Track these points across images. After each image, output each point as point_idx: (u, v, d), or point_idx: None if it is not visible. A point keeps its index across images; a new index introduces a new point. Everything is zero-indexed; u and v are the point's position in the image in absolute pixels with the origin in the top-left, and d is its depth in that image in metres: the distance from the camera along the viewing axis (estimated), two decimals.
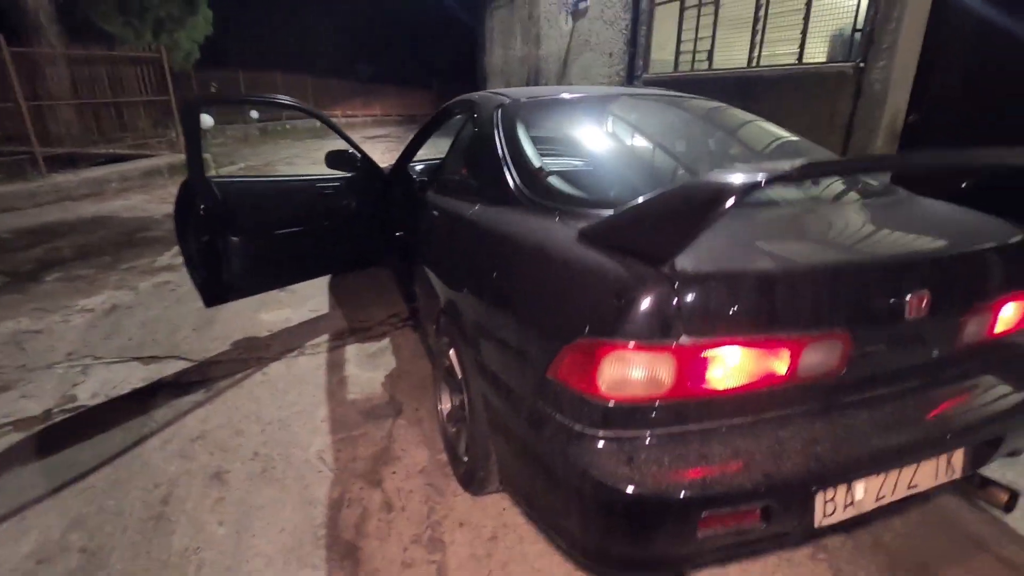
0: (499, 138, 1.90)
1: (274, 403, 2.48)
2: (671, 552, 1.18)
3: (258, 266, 2.89)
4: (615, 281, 1.14)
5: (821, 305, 1.18)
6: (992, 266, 1.37)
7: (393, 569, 1.62)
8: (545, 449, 1.26)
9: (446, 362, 1.99)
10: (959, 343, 1.37)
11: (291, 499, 1.90)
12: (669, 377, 1.13)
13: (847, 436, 1.25)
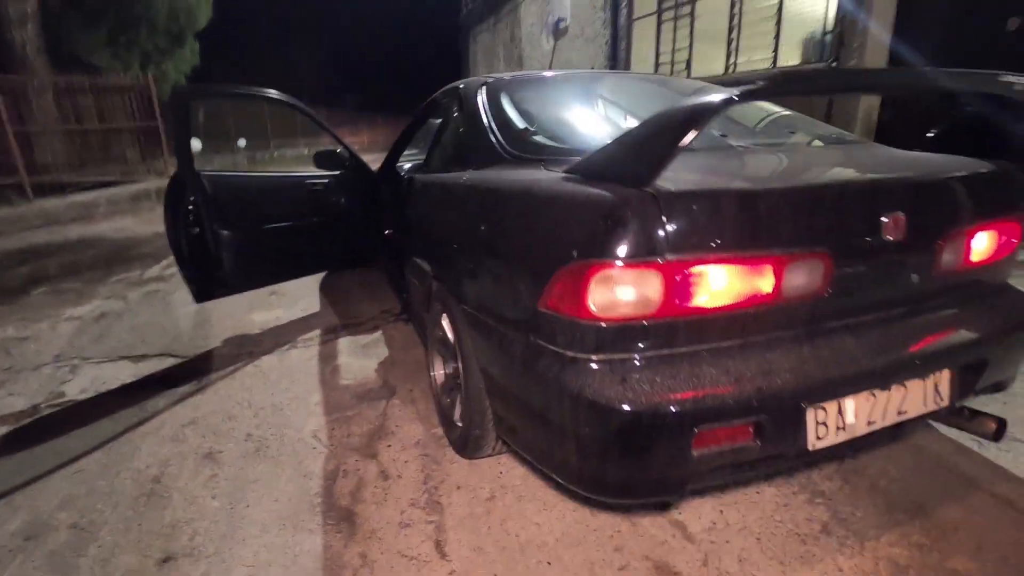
0: (484, 110, 1.95)
1: (266, 391, 2.46)
2: (667, 472, 1.18)
3: (248, 260, 2.90)
4: (600, 204, 1.18)
5: (801, 224, 1.22)
6: (962, 194, 1.42)
7: (391, 530, 1.60)
8: (540, 381, 1.27)
9: (439, 332, 2.00)
10: (937, 270, 1.41)
11: (285, 473, 1.88)
12: (657, 295, 1.15)
13: (834, 357, 1.27)
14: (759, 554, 1.45)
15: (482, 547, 1.52)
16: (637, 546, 1.50)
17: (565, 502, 1.67)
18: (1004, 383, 1.58)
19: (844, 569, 1.39)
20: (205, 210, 2.66)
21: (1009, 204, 1.50)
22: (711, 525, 1.56)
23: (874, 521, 1.55)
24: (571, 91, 2.24)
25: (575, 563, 1.45)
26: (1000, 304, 1.55)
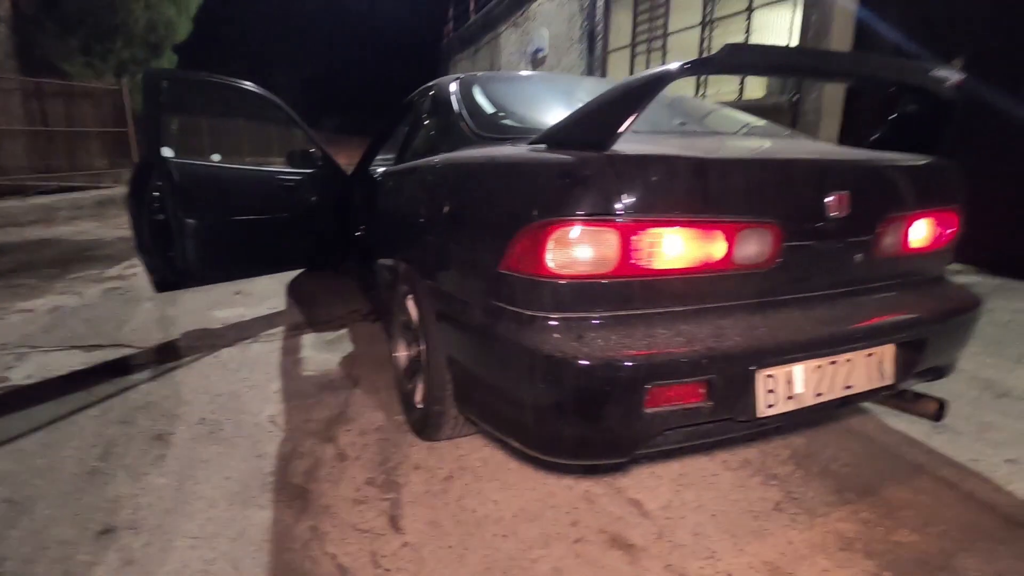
0: (456, 99, 2.00)
1: (224, 379, 2.40)
2: (620, 430, 1.19)
3: (214, 252, 2.85)
4: (560, 166, 1.22)
5: (751, 194, 1.28)
6: (904, 182, 1.51)
7: (345, 505, 1.56)
8: (499, 341, 1.28)
9: (403, 317, 2.00)
10: (880, 252, 1.48)
11: (239, 453, 1.83)
12: (613, 254, 1.18)
13: (782, 326, 1.32)
14: (713, 528, 1.46)
15: (438, 521, 1.49)
16: (594, 521, 1.49)
17: (524, 482, 1.66)
18: (944, 369, 1.66)
19: (794, 542, 1.41)
20: (171, 197, 2.62)
21: (947, 196, 1.60)
22: (667, 503, 1.57)
23: (824, 500, 1.58)
24: (539, 85, 2.31)
25: (530, 536, 1.43)
26: (938, 292, 1.64)
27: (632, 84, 1.22)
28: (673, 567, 1.33)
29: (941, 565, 1.33)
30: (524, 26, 11.75)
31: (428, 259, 1.70)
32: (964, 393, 2.21)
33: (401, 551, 1.38)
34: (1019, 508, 1.53)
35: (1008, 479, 1.66)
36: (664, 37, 7.87)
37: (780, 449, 1.83)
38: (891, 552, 1.37)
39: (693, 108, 2.32)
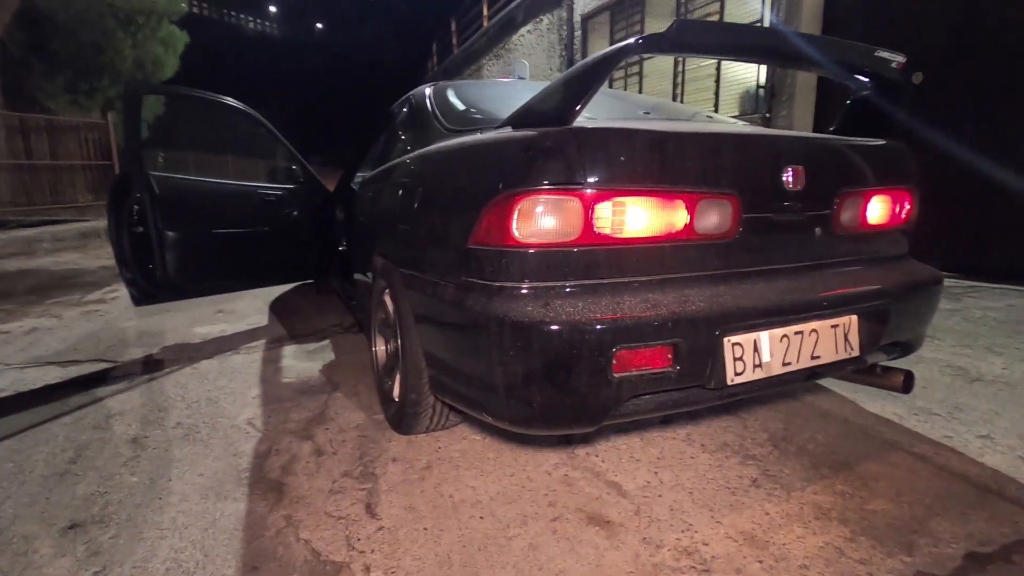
0: (430, 101, 2.07)
1: (202, 387, 2.38)
2: (589, 396, 1.20)
3: (194, 265, 2.86)
4: (523, 139, 1.27)
5: (710, 166, 1.33)
6: (857, 160, 1.57)
7: (320, 496, 1.54)
8: (470, 314, 1.29)
9: (381, 314, 2.01)
10: (838, 227, 1.53)
11: (214, 453, 1.80)
12: (577, 223, 1.22)
13: (746, 294, 1.35)
14: (691, 504, 1.46)
15: (414, 506, 1.48)
16: (572, 502, 1.49)
17: (502, 468, 1.65)
18: (910, 345, 1.69)
19: (771, 514, 1.41)
20: (151, 209, 2.64)
21: (900, 175, 1.66)
22: (645, 484, 1.57)
23: (801, 476, 1.59)
24: (509, 88, 2.38)
25: (507, 516, 1.42)
26: (900, 268, 1.68)
27: (589, 62, 1.28)
28: (650, 540, 1.32)
29: (914, 529, 1.34)
30: (505, 57, 12.08)
31: (403, 248, 1.73)
32: (939, 379, 2.25)
33: (376, 535, 1.36)
34: (990, 477, 1.55)
35: (980, 452, 1.68)
36: (640, 62, 8.13)
37: (758, 432, 1.84)
38: (866, 519, 1.38)
39: (662, 104, 2.41)
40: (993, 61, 3.92)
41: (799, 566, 1.22)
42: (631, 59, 7.57)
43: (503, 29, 12.17)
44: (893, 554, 1.25)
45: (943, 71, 4.18)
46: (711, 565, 1.23)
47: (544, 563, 1.25)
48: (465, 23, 15.48)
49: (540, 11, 10.54)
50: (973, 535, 1.30)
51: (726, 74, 6.74)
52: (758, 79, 6.21)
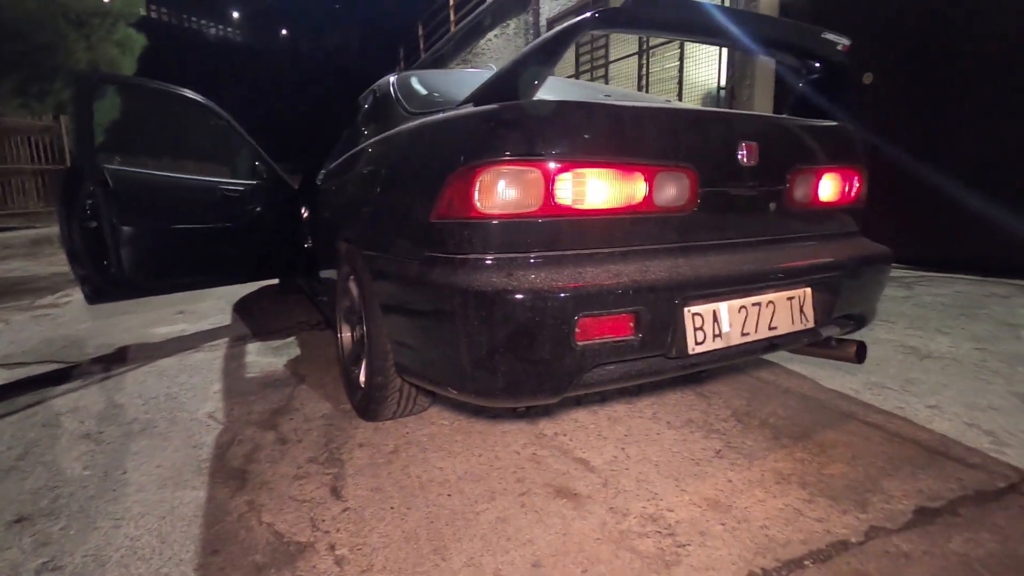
0: (393, 88, 2.06)
1: (161, 383, 2.30)
2: (553, 365, 1.21)
3: (152, 261, 2.77)
4: (483, 113, 1.27)
5: (667, 140, 1.36)
6: (808, 138, 1.63)
7: (284, 481, 1.51)
8: (433, 288, 1.29)
9: (346, 302, 1.99)
10: (791, 202, 1.59)
11: (172, 445, 1.75)
12: (538, 194, 1.23)
13: (705, 265, 1.39)
14: (656, 475, 1.49)
15: (381, 488, 1.46)
16: (540, 477, 1.49)
17: (471, 449, 1.65)
18: (863, 317, 1.76)
19: (733, 481, 1.45)
20: (105, 203, 2.55)
21: (849, 155, 1.73)
22: (612, 459, 1.59)
23: (763, 446, 1.63)
24: (475, 75, 2.39)
25: (475, 493, 1.42)
26: (851, 243, 1.75)
27: (547, 38, 1.30)
28: (616, 509, 1.34)
29: (868, 488, 1.38)
30: (473, 62, 12.11)
31: (366, 230, 1.72)
32: (892, 357, 2.34)
33: (342, 515, 1.34)
34: (938, 441, 1.62)
35: (929, 420, 1.76)
36: (606, 65, 8.27)
37: (721, 409, 1.89)
38: (823, 482, 1.42)
39: (622, 91, 2.46)
40: (940, 61, 4.12)
41: (760, 526, 1.25)
42: (587, 34, 7.70)
43: (470, 33, 12.22)
44: (848, 512, 1.29)
45: (892, 72, 4.37)
46: (675, 529, 1.25)
47: (512, 534, 1.25)
48: (432, 28, 15.47)
49: (507, 16, 10.62)
50: (923, 492, 1.36)
51: (688, 75, 6.91)
52: (719, 80, 6.38)
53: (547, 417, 1.85)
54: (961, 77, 4.01)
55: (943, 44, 4.07)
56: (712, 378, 2.16)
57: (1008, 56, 3.78)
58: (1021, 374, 2.10)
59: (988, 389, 1.97)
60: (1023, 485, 1.38)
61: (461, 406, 1.94)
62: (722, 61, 6.27)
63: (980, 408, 1.82)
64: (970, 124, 4.02)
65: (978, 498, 1.33)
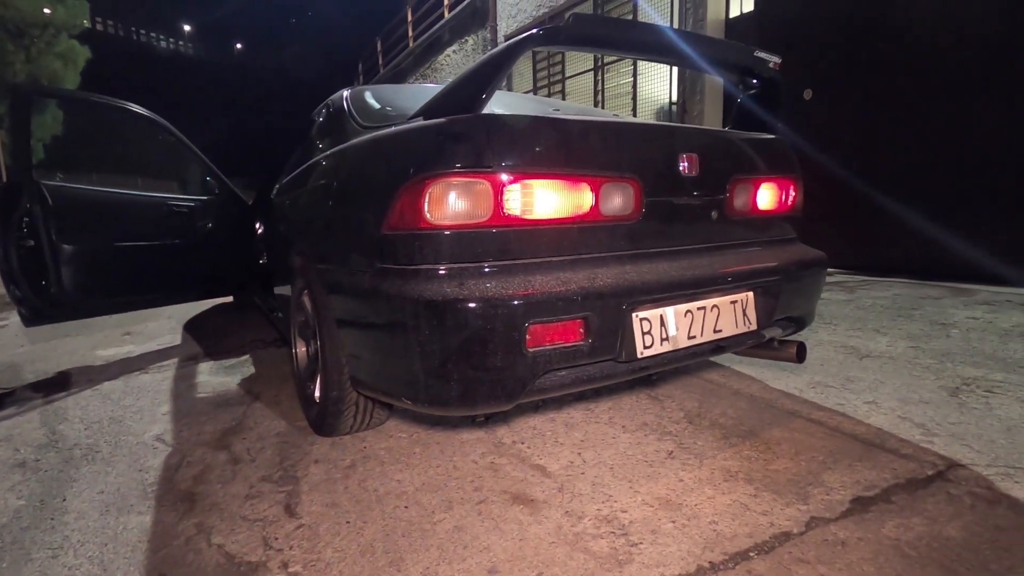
0: (347, 102, 2.07)
1: (105, 407, 2.21)
2: (505, 372, 1.23)
3: (94, 281, 2.67)
4: (434, 126, 1.30)
5: (612, 152, 1.41)
6: (746, 150, 1.72)
7: (236, 501, 1.47)
8: (385, 299, 1.29)
9: (301, 317, 1.97)
10: (732, 211, 1.67)
11: (116, 470, 1.68)
12: (488, 205, 1.26)
13: (651, 272, 1.44)
14: (611, 478, 1.52)
15: (336, 503, 1.44)
16: (497, 485, 1.50)
17: (428, 460, 1.65)
18: (803, 319, 1.85)
19: (684, 480, 1.49)
20: (44, 221, 2.46)
21: (785, 166, 1.83)
22: (569, 464, 1.61)
23: (712, 445, 1.68)
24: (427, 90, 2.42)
25: (433, 503, 1.42)
26: (790, 249, 1.85)
27: (494, 54, 1.34)
28: (572, 512, 1.36)
29: (810, 481, 1.45)
30: (432, 77, 12.18)
31: (319, 243, 1.71)
32: (834, 357, 2.45)
33: (295, 532, 1.32)
34: (875, 434, 1.71)
35: (867, 415, 1.85)
36: (563, 81, 8.45)
37: (674, 411, 1.94)
38: (768, 477, 1.48)
39: (571, 106, 2.53)
40: (871, 76, 4.38)
41: (708, 522, 1.29)
42: (532, 50, 7.85)
43: (429, 49, 12.30)
44: (791, 504, 1.35)
45: (829, 88, 4.63)
46: (628, 529, 1.28)
47: (469, 542, 1.25)
48: (391, 43, 15.50)
49: (465, 32, 10.75)
50: (859, 482, 1.43)
51: (642, 91, 7.13)
52: (671, 96, 6.61)
53: (506, 426, 1.87)
54: (892, 91, 4.28)
55: (874, 60, 4.35)
56: (665, 381, 2.22)
57: (936, 72, 4.06)
58: (949, 369, 2.24)
59: (920, 384, 2.10)
60: (949, 472, 1.47)
61: (420, 418, 1.93)
62: (673, 77, 6.51)
63: (913, 402, 1.93)
64: (901, 136, 4.28)
65: (909, 486, 1.41)
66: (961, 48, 3.93)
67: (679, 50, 1.52)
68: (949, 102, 4.02)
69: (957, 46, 3.95)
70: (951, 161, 4.06)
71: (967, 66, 3.92)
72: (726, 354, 1.94)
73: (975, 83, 3.91)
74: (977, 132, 3.94)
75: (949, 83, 4.01)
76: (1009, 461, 1.50)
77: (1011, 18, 3.72)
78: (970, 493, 1.36)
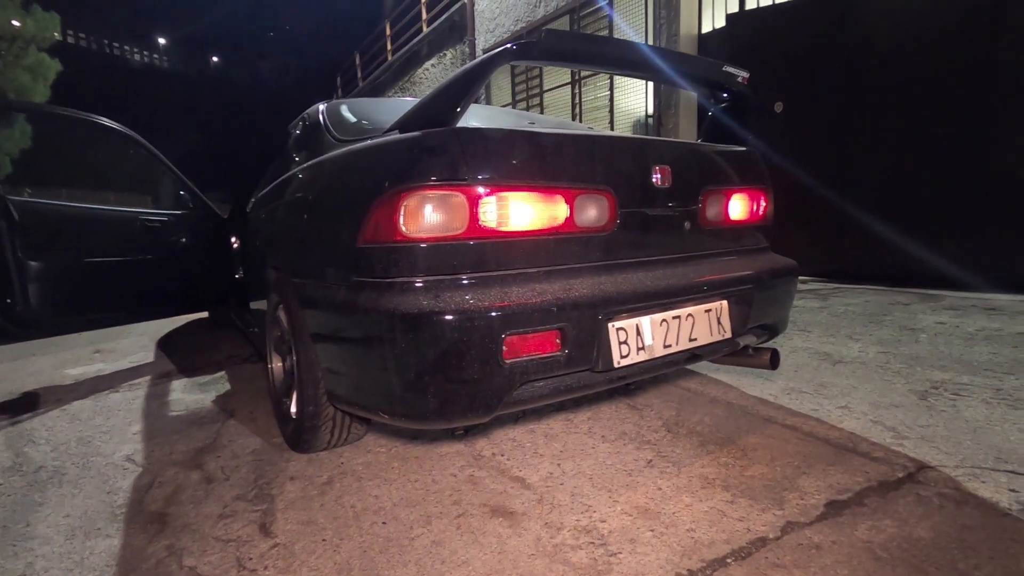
0: (323, 116, 2.07)
1: (73, 428, 2.15)
2: (482, 384, 1.23)
3: (63, 298, 2.61)
4: (408, 140, 1.31)
5: (586, 164, 1.43)
6: (717, 162, 1.76)
7: (209, 521, 1.44)
8: (361, 312, 1.29)
9: (276, 332, 1.94)
10: (705, 221, 1.70)
11: (84, 493, 1.63)
12: (463, 217, 1.27)
13: (627, 282, 1.46)
14: (590, 488, 1.52)
15: (313, 520, 1.42)
16: (476, 498, 1.49)
17: (407, 475, 1.63)
18: (776, 327, 1.88)
19: (663, 488, 1.50)
20: (9, 236, 2.39)
21: (756, 177, 1.88)
22: (548, 475, 1.61)
23: (690, 453, 1.70)
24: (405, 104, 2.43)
25: (411, 519, 1.40)
26: (761, 258, 1.89)
27: (468, 68, 1.36)
28: (551, 524, 1.36)
29: (785, 487, 1.47)
30: (411, 90, 12.22)
31: (294, 257, 1.70)
32: (808, 363, 2.50)
33: (270, 552, 1.29)
34: (847, 438, 1.74)
35: (840, 419, 1.89)
36: (541, 95, 8.56)
37: (653, 420, 1.95)
38: (745, 483, 1.50)
39: (547, 119, 2.56)
40: (839, 89, 4.51)
41: (687, 530, 1.30)
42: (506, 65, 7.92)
43: (408, 63, 12.35)
44: (767, 510, 1.36)
45: (799, 101, 4.76)
46: (607, 539, 1.28)
47: (447, 557, 1.24)
48: (370, 57, 15.52)
49: (443, 46, 10.82)
50: (833, 486, 1.46)
51: (619, 104, 7.24)
52: (646, 109, 6.73)
53: (485, 438, 1.86)
54: (859, 104, 4.42)
55: (841, 74, 4.48)
56: (644, 391, 2.23)
57: (899, 86, 4.21)
58: (919, 373, 2.29)
59: (891, 388, 2.14)
60: (919, 474, 1.50)
61: (399, 432, 1.92)
62: (649, 92, 6.63)
63: (884, 406, 1.97)
64: (868, 148, 4.42)
65: (881, 488, 1.44)
66: (920, 62, 4.09)
67: (651, 65, 1.56)
68: (911, 116, 4.17)
69: (916, 61, 4.10)
70: (914, 172, 4.20)
71: (926, 81, 4.07)
72: (703, 362, 1.97)
73: (933, 98, 4.06)
74: (936, 145, 4.08)
75: (910, 98, 4.16)
76: (975, 461, 1.55)
77: (965, 35, 3.88)
78: (939, 494, 1.39)
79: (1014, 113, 3.77)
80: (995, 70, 3.81)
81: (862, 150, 4.44)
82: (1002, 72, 3.79)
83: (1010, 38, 3.74)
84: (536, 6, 8.21)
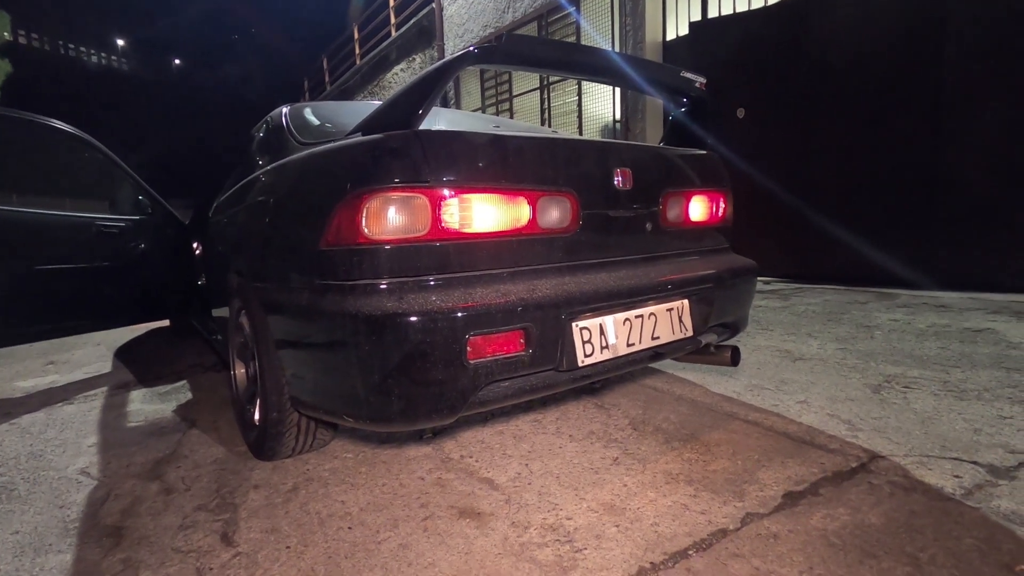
0: (286, 119, 2.04)
1: (22, 442, 2.06)
2: (447, 385, 1.23)
3: (11, 308, 2.50)
4: (370, 142, 1.31)
5: (548, 166, 1.45)
6: (677, 164, 1.80)
7: (168, 533, 1.40)
8: (325, 315, 1.28)
9: (239, 339, 1.91)
10: (665, 222, 1.74)
11: (34, 508, 1.57)
12: (426, 219, 1.27)
13: (589, 282, 1.48)
14: (558, 487, 1.53)
15: (276, 528, 1.39)
16: (444, 501, 1.49)
17: (374, 480, 1.62)
18: (736, 325, 1.94)
19: (628, 485, 1.52)
20: None
21: (715, 180, 1.93)
22: (516, 475, 1.62)
23: (655, 450, 1.73)
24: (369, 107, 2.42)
25: (377, 523, 1.39)
26: (722, 259, 1.94)
27: (430, 71, 1.36)
28: (518, 523, 1.36)
29: (745, 480, 1.51)
30: (380, 95, 12.14)
31: (256, 261, 1.67)
32: (769, 361, 2.57)
33: (232, 561, 1.27)
34: (805, 432, 1.80)
35: (799, 414, 1.95)
36: (510, 99, 8.60)
37: (620, 419, 1.98)
38: (707, 478, 1.54)
39: (511, 123, 2.58)
40: (801, 97, 4.66)
41: (650, 524, 1.32)
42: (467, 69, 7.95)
43: (376, 67, 12.27)
44: (728, 502, 1.40)
45: (760, 107, 4.90)
46: (573, 535, 1.30)
47: (413, 559, 1.24)
48: (337, 61, 15.37)
49: (412, 51, 10.80)
50: (791, 478, 1.50)
51: (587, 109, 7.34)
52: (614, 114, 6.83)
53: (454, 440, 1.86)
54: (816, 111, 4.58)
55: (799, 82, 4.64)
56: (611, 390, 2.27)
57: (855, 92, 4.38)
58: (873, 368, 2.39)
59: (847, 383, 2.22)
60: (871, 464, 1.56)
61: (367, 437, 1.90)
62: (617, 97, 6.74)
63: (840, 400, 2.05)
64: (826, 153, 4.58)
65: (835, 478, 1.49)
66: (873, 70, 4.26)
67: (612, 70, 1.59)
68: (865, 122, 4.34)
69: (870, 68, 4.27)
70: (869, 176, 4.37)
71: (878, 88, 4.25)
72: (669, 361, 2.01)
73: (885, 105, 4.24)
74: (889, 150, 4.26)
75: (864, 104, 4.33)
76: (923, 450, 1.62)
77: (915, 45, 4.07)
78: (889, 482, 1.45)
79: (959, 120, 3.96)
80: (942, 79, 4.00)
81: (820, 155, 4.59)
82: (948, 82, 3.98)
83: (954, 49, 3.94)
84: (505, 11, 8.27)
